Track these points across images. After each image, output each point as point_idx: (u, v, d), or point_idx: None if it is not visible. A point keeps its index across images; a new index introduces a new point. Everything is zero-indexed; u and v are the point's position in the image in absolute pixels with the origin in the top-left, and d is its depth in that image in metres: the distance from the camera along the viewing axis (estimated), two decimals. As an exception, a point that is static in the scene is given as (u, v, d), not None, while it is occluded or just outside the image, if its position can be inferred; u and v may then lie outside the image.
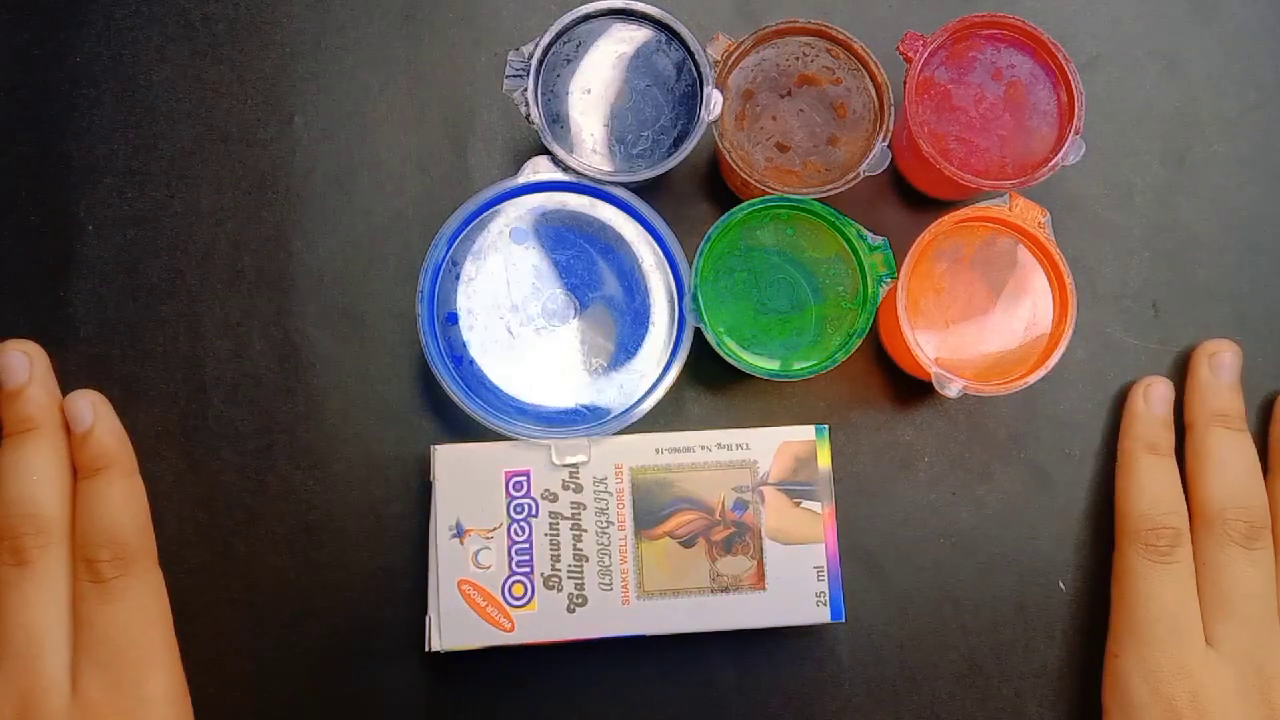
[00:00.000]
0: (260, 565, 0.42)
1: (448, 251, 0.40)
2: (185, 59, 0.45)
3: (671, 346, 0.41)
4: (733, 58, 0.41)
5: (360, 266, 0.44)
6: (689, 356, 0.41)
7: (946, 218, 0.41)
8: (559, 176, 0.40)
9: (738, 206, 0.40)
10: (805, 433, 0.40)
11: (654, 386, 0.40)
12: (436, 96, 0.45)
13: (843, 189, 0.40)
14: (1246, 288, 0.46)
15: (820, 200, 0.40)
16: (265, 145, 0.45)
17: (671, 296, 0.41)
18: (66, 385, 0.43)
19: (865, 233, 0.40)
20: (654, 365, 0.41)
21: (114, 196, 0.44)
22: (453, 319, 0.40)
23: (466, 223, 0.41)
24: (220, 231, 0.44)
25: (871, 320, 0.41)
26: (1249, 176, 0.46)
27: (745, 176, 0.40)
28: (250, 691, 0.41)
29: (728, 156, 0.40)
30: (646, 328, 0.41)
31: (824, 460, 0.40)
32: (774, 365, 0.40)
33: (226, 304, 0.44)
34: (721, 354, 0.40)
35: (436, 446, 0.39)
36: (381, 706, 0.42)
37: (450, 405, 0.40)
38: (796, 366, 0.40)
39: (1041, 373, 0.40)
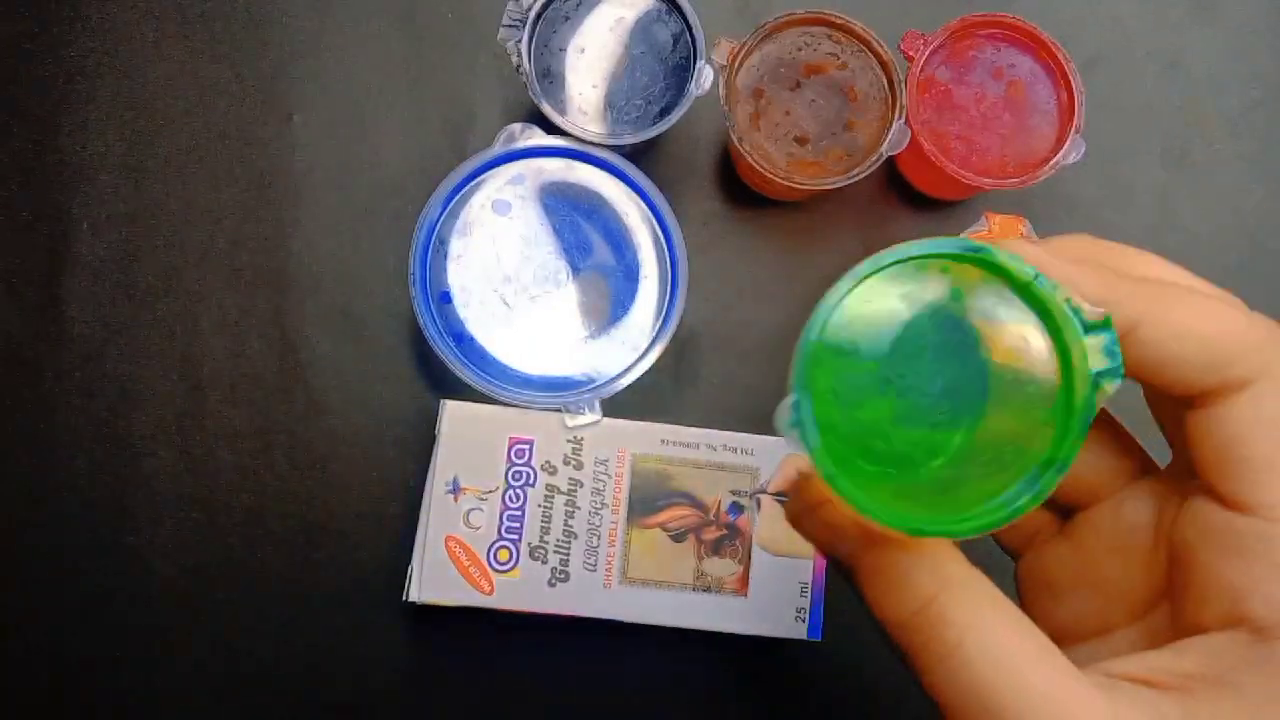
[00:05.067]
0: (259, 565, 0.42)
1: (433, 232, 0.40)
2: (183, 56, 0.45)
3: (667, 299, 0.41)
4: (738, 59, 0.41)
5: (359, 266, 0.44)
6: (688, 358, 0.41)
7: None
8: (534, 143, 0.40)
9: (878, 256, 0.23)
10: None
11: (654, 341, 0.40)
12: (436, 96, 0.45)
13: (869, 171, 0.40)
14: (1246, 288, 0.46)
15: (845, 184, 0.39)
16: (264, 144, 0.44)
17: (661, 248, 0.41)
18: (60, 385, 0.42)
19: (1080, 304, 0.23)
20: (651, 319, 0.41)
21: (109, 193, 0.44)
22: (446, 298, 0.40)
23: (448, 200, 0.40)
24: (218, 230, 0.44)
25: (1078, 450, 0.23)
26: (1250, 175, 0.47)
27: (768, 174, 0.40)
28: (250, 692, 0.41)
29: (748, 157, 0.40)
30: (639, 283, 0.41)
31: None
32: (931, 516, 0.23)
33: (224, 303, 0.43)
34: (849, 505, 0.22)
35: (446, 400, 0.39)
36: (374, 707, 0.41)
37: (454, 396, 0.40)
38: (963, 514, 0.23)
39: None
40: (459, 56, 0.45)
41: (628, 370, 0.40)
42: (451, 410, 0.39)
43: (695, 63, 0.41)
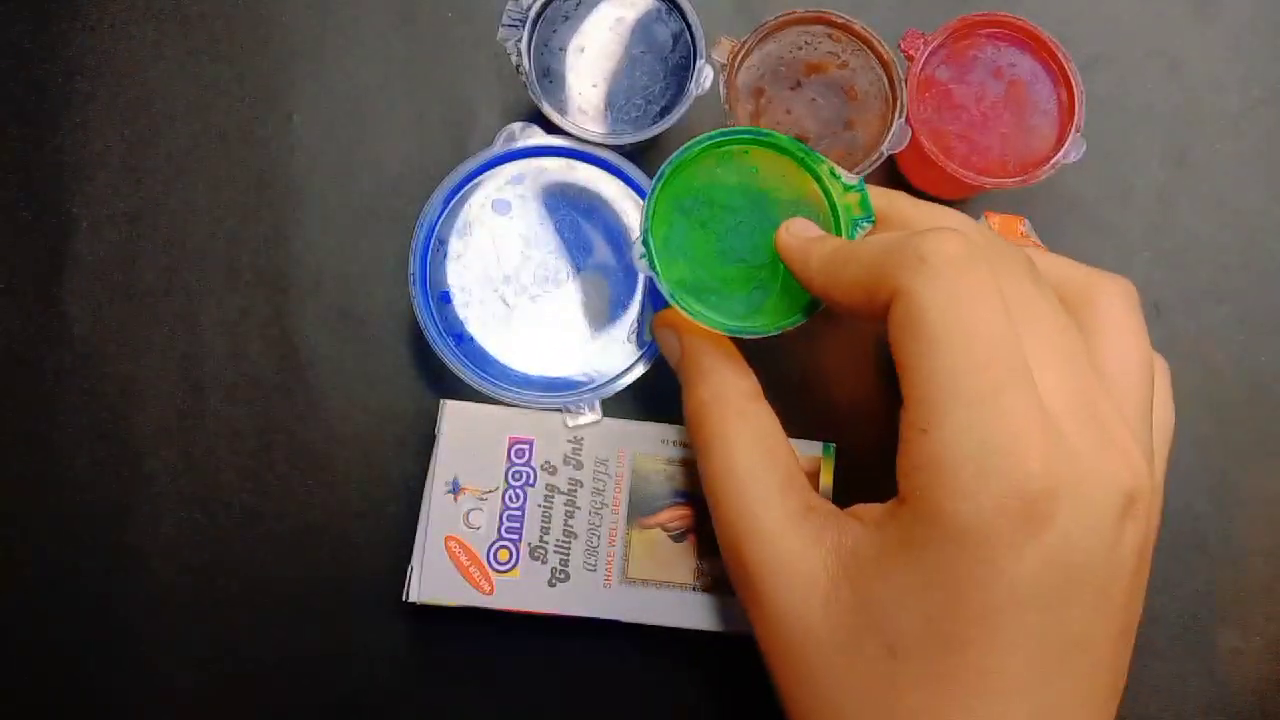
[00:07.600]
0: (260, 566, 0.42)
1: (433, 231, 0.40)
2: (182, 55, 0.45)
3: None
4: (738, 58, 0.41)
5: (359, 266, 0.44)
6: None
7: None
8: (534, 142, 0.40)
9: (694, 140, 0.36)
10: (813, 448, 0.40)
11: (654, 341, 0.40)
12: (436, 97, 0.45)
13: (869, 170, 0.40)
14: (1246, 288, 0.46)
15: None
16: (264, 144, 0.44)
17: None
18: (60, 385, 0.42)
19: (839, 171, 0.35)
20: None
21: (109, 193, 0.44)
22: (446, 298, 0.40)
23: (448, 200, 0.41)
24: (218, 230, 0.44)
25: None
26: (1251, 175, 0.47)
27: None
28: (250, 691, 0.41)
29: None
30: (638, 282, 0.41)
31: (826, 478, 0.40)
32: (738, 323, 0.36)
33: (224, 303, 0.43)
34: (679, 308, 0.35)
35: (446, 400, 0.39)
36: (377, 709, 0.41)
37: (453, 395, 0.40)
38: (758, 324, 0.36)
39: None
40: (459, 56, 0.45)
41: (628, 370, 0.40)
42: (451, 410, 0.39)
43: (695, 62, 0.41)
